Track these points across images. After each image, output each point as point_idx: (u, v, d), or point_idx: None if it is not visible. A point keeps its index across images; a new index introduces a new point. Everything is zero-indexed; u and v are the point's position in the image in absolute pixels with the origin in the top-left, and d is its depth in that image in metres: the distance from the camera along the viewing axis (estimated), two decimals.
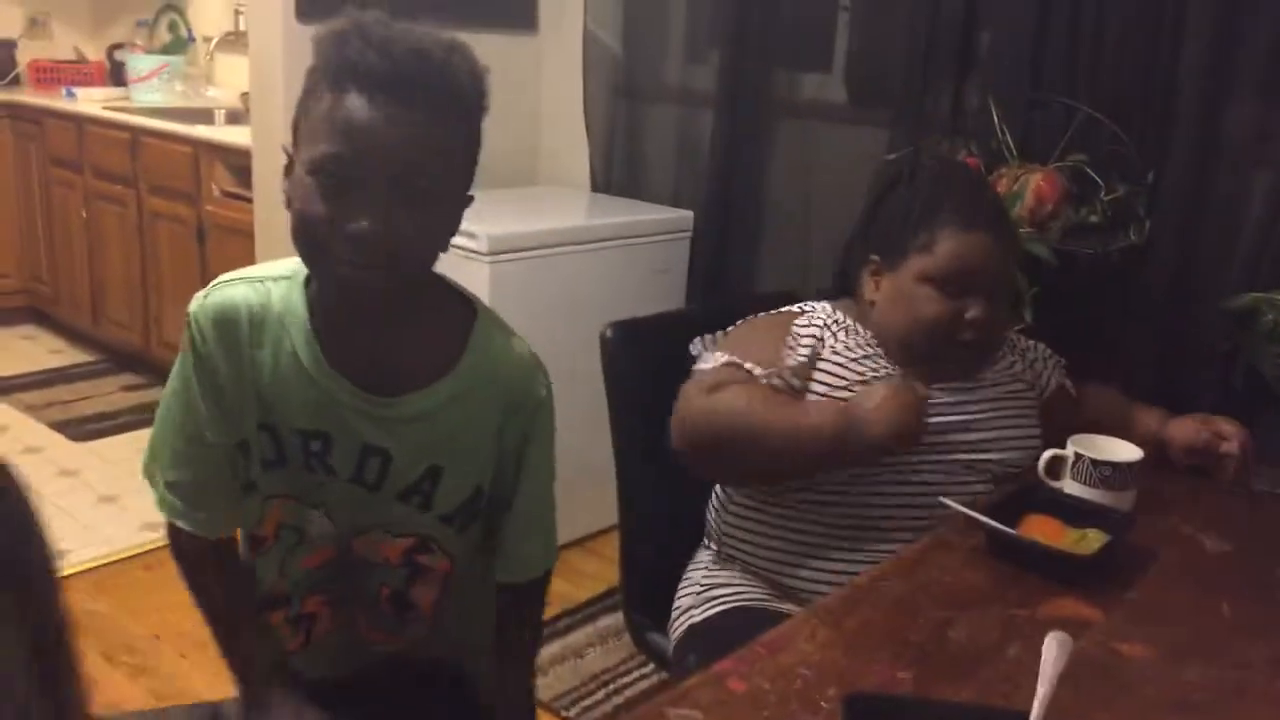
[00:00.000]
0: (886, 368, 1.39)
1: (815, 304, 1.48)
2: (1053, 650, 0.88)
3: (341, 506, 1.10)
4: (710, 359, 1.38)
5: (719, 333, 1.48)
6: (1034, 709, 0.84)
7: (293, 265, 1.05)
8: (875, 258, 1.42)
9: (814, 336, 1.40)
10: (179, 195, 3.31)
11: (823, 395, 1.36)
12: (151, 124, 3.42)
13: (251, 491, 1.09)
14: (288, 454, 1.07)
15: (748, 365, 1.36)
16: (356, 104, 0.92)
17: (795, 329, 1.42)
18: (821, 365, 1.38)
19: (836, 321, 1.43)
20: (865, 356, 1.39)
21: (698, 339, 1.47)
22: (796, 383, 1.37)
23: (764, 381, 1.35)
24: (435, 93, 0.94)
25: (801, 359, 1.38)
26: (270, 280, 1.06)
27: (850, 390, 1.35)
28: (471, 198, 1.05)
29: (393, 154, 0.92)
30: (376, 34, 0.93)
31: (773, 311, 1.48)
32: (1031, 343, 1.56)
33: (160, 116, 3.49)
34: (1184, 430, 1.45)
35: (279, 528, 1.12)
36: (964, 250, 1.34)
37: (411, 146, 0.93)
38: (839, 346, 1.40)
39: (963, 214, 1.36)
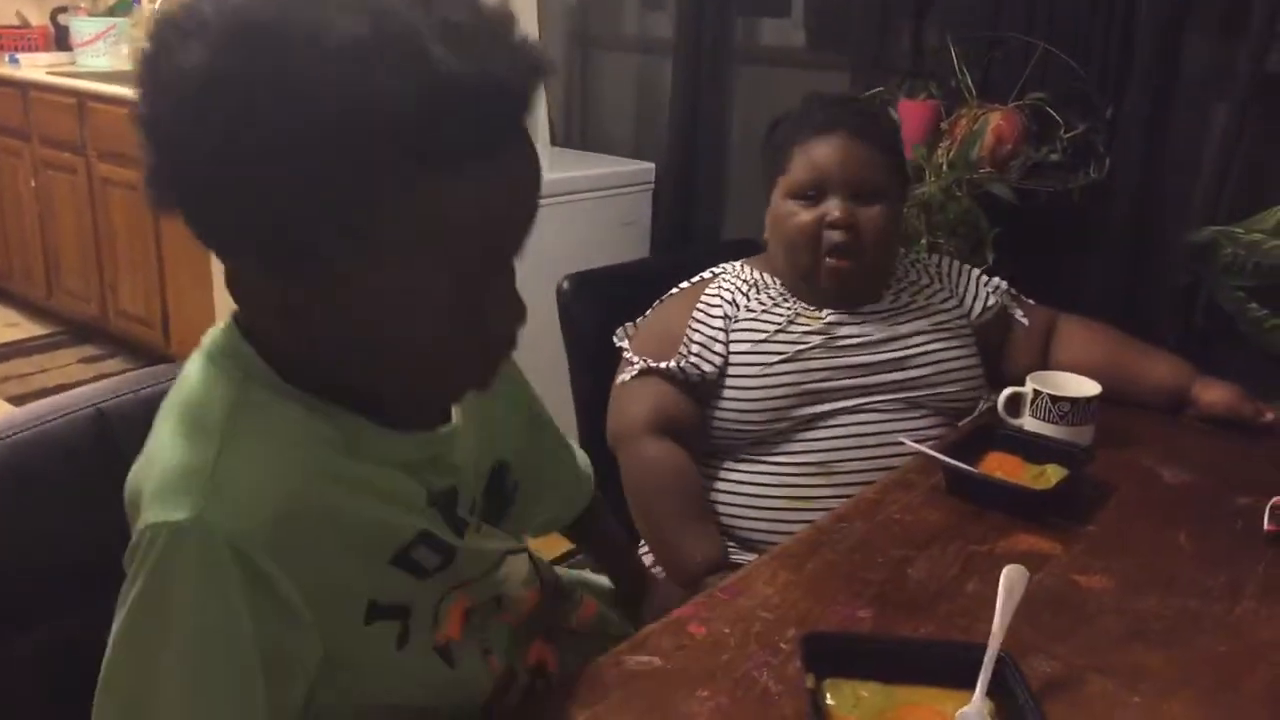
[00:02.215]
0: (797, 308, 1.41)
1: (728, 265, 1.50)
2: (1009, 582, 0.88)
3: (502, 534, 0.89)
4: (628, 366, 1.41)
5: (639, 319, 1.49)
6: (990, 641, 0.84)
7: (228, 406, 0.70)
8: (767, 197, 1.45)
9: (722, 313, 1.41)
10: (130, 161, 3.22)
11: (746, 354, 1.38)
12: (99, 88, 3.32)
13: (407, 635, 0.77)
14: (450, 540, 0.78)
15: (663, 365, 1.38)
16: (501, 183, 0.68)
17: (704, 302, 1.43)
18: (736, 328, 1.40)
19: (746, 281, 1.45)
20: (775, 305, 1.41)
21: (621, 328, 1.48)
22: (707, 368, 1.39)
23: (680, 375, 1.38)
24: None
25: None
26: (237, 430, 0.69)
27: (771, 341, 1.38)
28: None
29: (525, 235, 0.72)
30: None
31: (686, 284, 1.49)
32: (960, 266, 1.54)
33: (108, 80, 3.40)
34: (1222, 396, 1.40)
35: (469, 614, 0.83)
36: (813, 155, 1.38)
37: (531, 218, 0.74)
38: (752, 304, 1.41)
39: (813, 126, 1.39)
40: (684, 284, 1.49)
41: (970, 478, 1.19)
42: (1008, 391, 1.35)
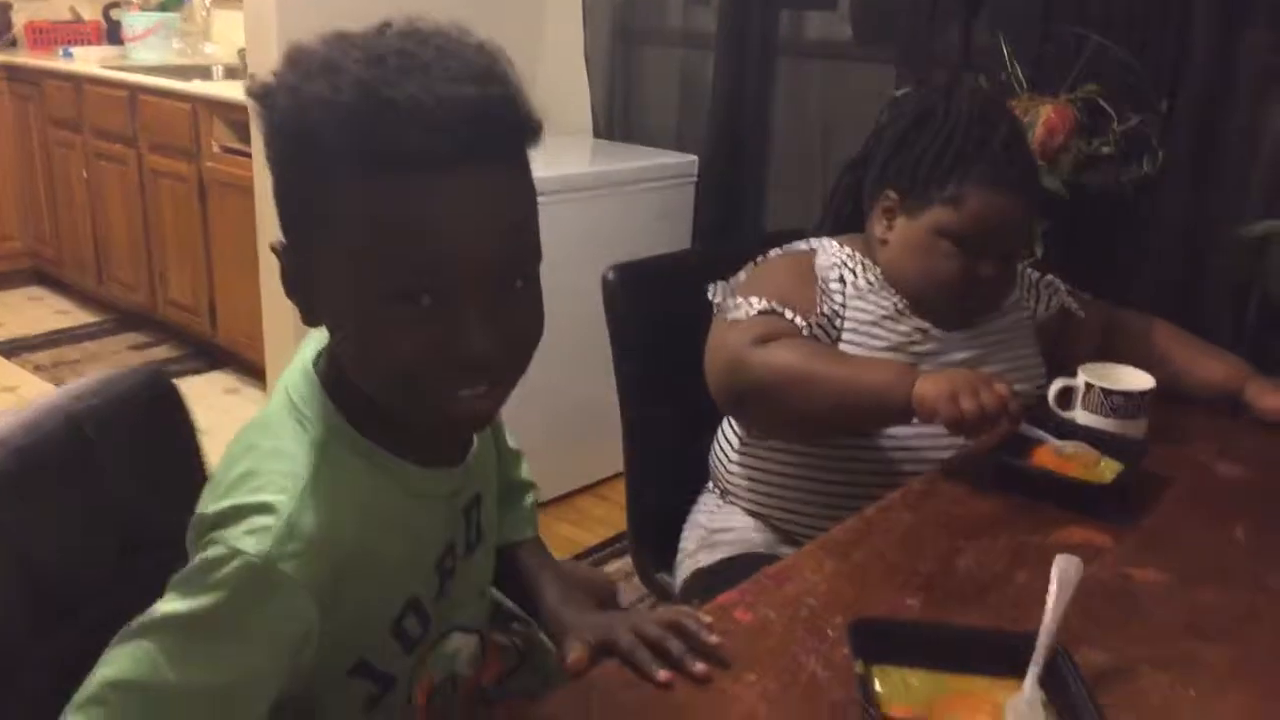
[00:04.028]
0: (911, 329, 1.35)
1: (822, 240, 1.45)
2: (1062, 571, 0.87)
3: (469, 599, 0.90)
4: (742, 305, 1.33)
5: (739, 275, 1.43)
6: (1042, 630, 0.83)
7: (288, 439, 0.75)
8: (893, 195, 1.37)
9: (839, 278, 1.37)
10: (179, 152, 3.27)
11: (853, 330, 1.34)
12: (149, 81, 3.38)
13: (382, 696, 0.80)
14: (430, 609, 0.82)
15: (788, 314, 1.31)
16: (426, 189, 0.66)
17: (821, 267, 1.38)
18: (851, 304, 1.35)
19: (850, 258, 1.40)
20: (886, 317, 1.36)
21: (714, 284, 1.42)
22: (834, 332, 1.34)
23: (806, 332, 1.31)
24: (508, 139, 0.71)
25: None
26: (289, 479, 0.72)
27: (879, 325, 1.34)
28: None
29: (497, 247, 0.70)
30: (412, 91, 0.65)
31: (781, 250, 1.45)
32: (1030, 270, 1.53)
33: (158, 74, 3.46)
34: (1274, 402, 1.37)
35: (433, 695, 0.87)
36: (991, 212, 1.29)
37: (509, 229, 0.71)
38: (860, 283, 1.37)
39: (997, 171, 1.29)
40: (775, 250, 1.44)
41: (1026, 472, 1.18)
42: (1059, 383, 1.33)
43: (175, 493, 0.84)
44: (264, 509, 0.69)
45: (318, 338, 0.80)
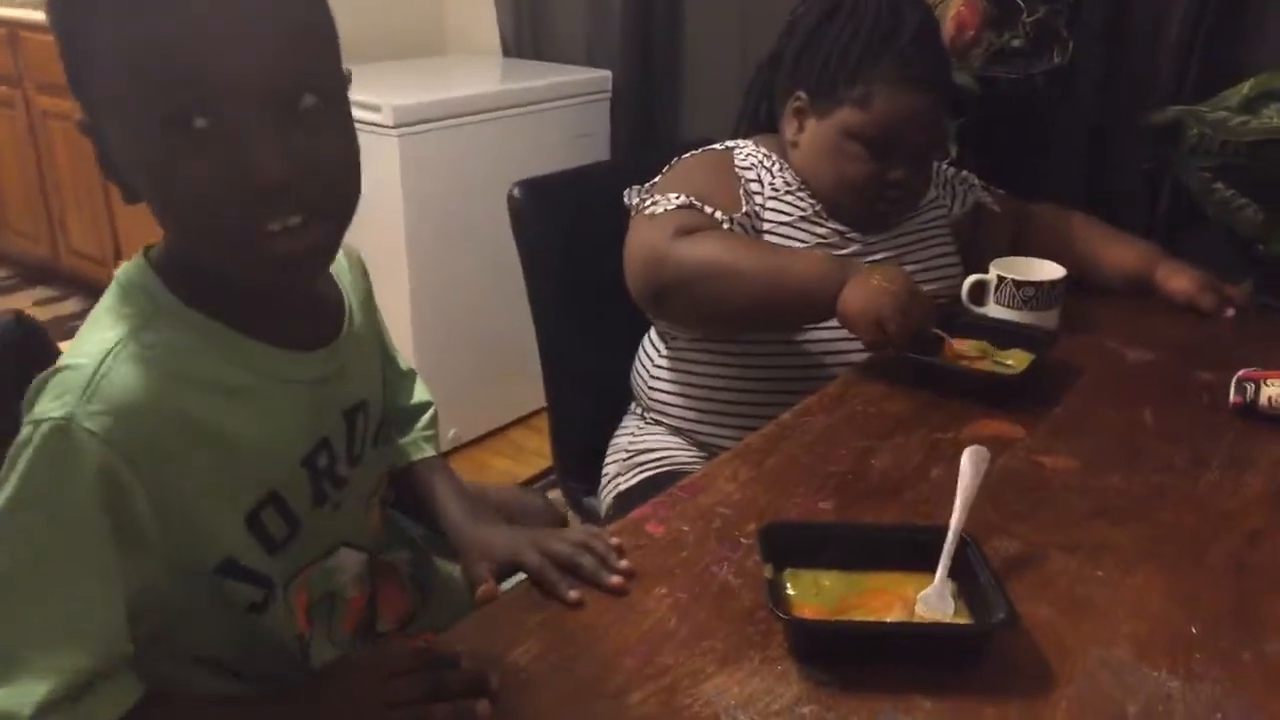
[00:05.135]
0: (829, 230, 1.33)
1: (739, 141, 1.41)
2: (969, 464, 0.86)
3: (353, 512, 0.86)
4: (661, 201, 1.27)
5: (656, 179, 1.38)
6: (951, 522, 0.82)
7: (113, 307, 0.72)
8: (803, 96, 1.33)
9: (756, 178, 1.34)
10: (69, 92, 3.08)
11: (770, 232, 1.31)
12: (30, 16, 3.18)
13: (268, 602, 0.77)
14: (299, 509, 0.78)
15: (707, 209, 1.26)
16: (171, 7, 0.63)
17: (740, 167, 1.34)
18: (769, 204, 1.32)
19: (767, 157, 1.37)
20: (803, 218, 1.33)
21: (631, 188, 1.37)
22: (753, 234, 1.30)
23: (728, 226, 1.26)
24: None
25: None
26: (129, 330, 0.70)
27: (796, 226, 1.31)
28: (349, 72, 0.75)
29: (270, 57, 0.65)
30: None
31: (700, 151, 1.40)
32: (946, 167, 1.51)
33: (40, 8, 3.25)
34: (1182, 284, 1.39)
35: (310, 610, 0.83)
36: (900, 111, 1.25)
37: (280, 38, 0.66)
38: (777, 182, 1.34)
39: (906, 67, 1.25)
40: (694, 152, 1.40)
41: (937, 368, 1.17)
42: (972, 279, 1.32)
43: None
44: (67, 370, 0.67)
45: None
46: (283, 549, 0.77)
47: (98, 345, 0.68)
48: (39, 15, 3.15)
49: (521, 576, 0.87)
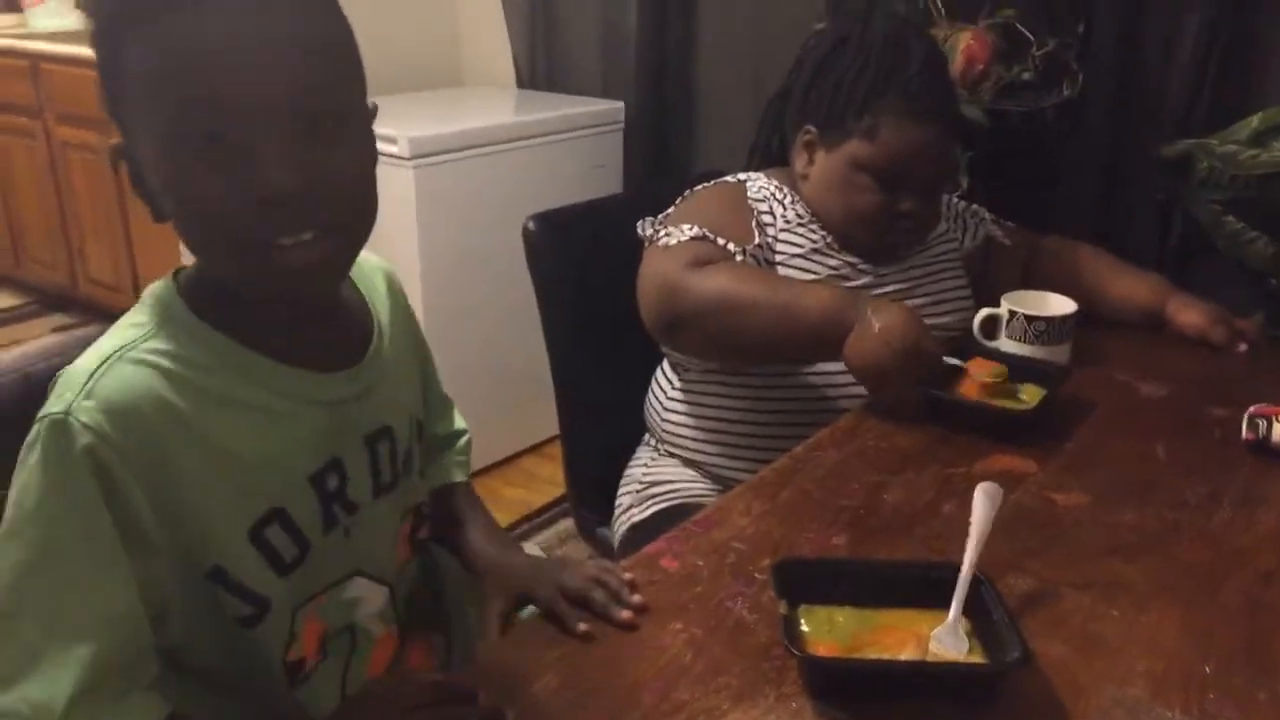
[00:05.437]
0: (840, 262, 1.34)
1: (750, 174, 1.43)
2: (982, 500, 0.87)
3: (370, 541, 0.85)
4: (674, 232, 1.28)
5: (669, 210, 1.39)
6: (965, 559, 0.82)
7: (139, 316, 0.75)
8: (812, 129, 1.35)
9: (769, 210, 1.35)
10: (88, 122, 3.14)
11: (782, 265, 1.32)
12: (51, 49, 3.23)
13: (260, 620, 0.77)
14: (308, 531, 0.78)
15: (720, 241, 1.28)
16: (199, 21, 0.65)
17: (753, 199, 1.36)
18: (781, 236, 1.33)
19: (779, 189, 1.38)
20: (815, 250, 1.34)
21: (644, 219, 1.38)
22: (766, 266, 1.31)
23: (741, 258, 1.28)
24: None
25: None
26: (142, 336, 0.73)
27: (808, 259, 1.32)
28: (374, 106, 0.77)
29: (284, 73, 0.67)
30: None
31: (712, 183, 1.42)
32: (956, 200, 1.53)
33: (60, 41, 3.30)
34: (1193, 318, 1.39)
35: (324, 640, 0.84)
36: (908, 143, 1.27)
37: (295, 54, 0.68)
38: (789, 215, 1.35)
39: (912, 100, 1.26)
40: (704, 185, 1.41)
41: (950, 403, 1.18)
42: (983, 313, 1.33)
43: None
44: (72, 371, 0.70)
45: None
46: (292, 572, 0.78)
47: (103, 349, 0.72)
48: (60, 48, 3.21)
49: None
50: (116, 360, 0.70)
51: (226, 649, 0.77)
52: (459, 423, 1.07)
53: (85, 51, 3.10)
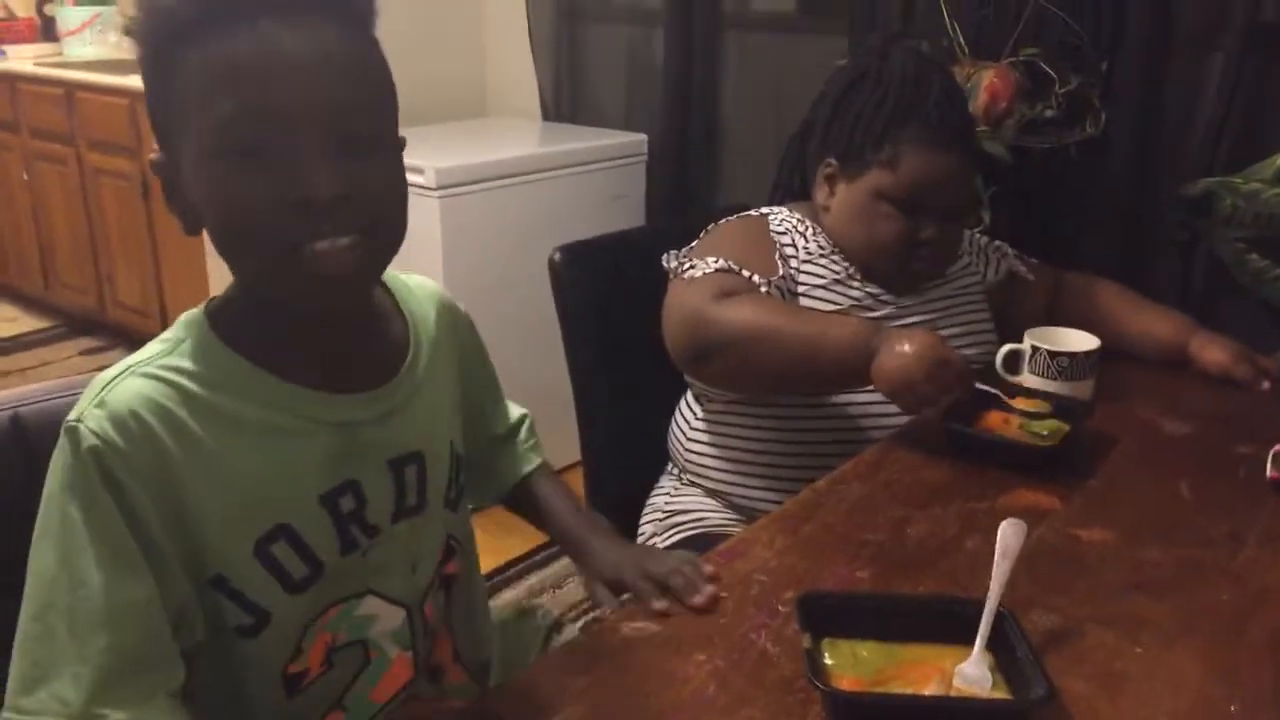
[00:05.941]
0: (863, 293, 1.35)
1: (773, 208, 1.45)
2: (1006, 536, 0.87)
3: (392, 566, 0.86)
4: (699, 265, 1.30)
5: (693, 244, 1.41)
6: (989, 595, 0.83)
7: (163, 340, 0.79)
8: (833, 162, 1.37)
9: (791, 242, 1.37)
10: (119, 149, 3.20)
11: (804, 295, 1.34)
12: (85, 78, 3.30)
13: (259, 631, 0.79)
14: (322, 552, 0.80)
15: (745, 272, 1.30)
16: (249, 41, 0.69)
17: (775, 232, 1.38)
18: (804, 268, 1.35)
19: (801, 222, 1.40)
20: (837, 281, 1.35)
21: (669, 252, 1.41)
22: (789, 297, 1.33)
23: (765, 290, 1.30)
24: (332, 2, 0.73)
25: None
26: (163, 354, 0.76)
27: (830, 290, 1.34)
28: (403, 139, 0.80)
29: (325, 89, 0.71)
30: None
31: (735, 216, 1.44)
32: (979, 235, 1.54)
33: (94, 69, 3.38)
34: (1217, 356, 1.39)
35: (330, 652, 0.84)
36: (928, 172, 1.29)
37: (342, 73, 0.72)
38: (811, 246, 1.37)
39: (931, 130, 1.29)
40: (728, 219, 1.43)
41: (973, 438, 1.18)
42: (1006, 348, 1.34)
43: None
44: (93, 382, 0.75)
45: None
46: (304, 590, 0.79)
47: (126, 362, 0.76)
48: (94, 77, 3.27)
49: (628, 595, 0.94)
50: (131, 373, 0.74)
51: (223, 656, 0.79)
52: (514, 412, 1.11)
53: (118, 80, 3.17)
